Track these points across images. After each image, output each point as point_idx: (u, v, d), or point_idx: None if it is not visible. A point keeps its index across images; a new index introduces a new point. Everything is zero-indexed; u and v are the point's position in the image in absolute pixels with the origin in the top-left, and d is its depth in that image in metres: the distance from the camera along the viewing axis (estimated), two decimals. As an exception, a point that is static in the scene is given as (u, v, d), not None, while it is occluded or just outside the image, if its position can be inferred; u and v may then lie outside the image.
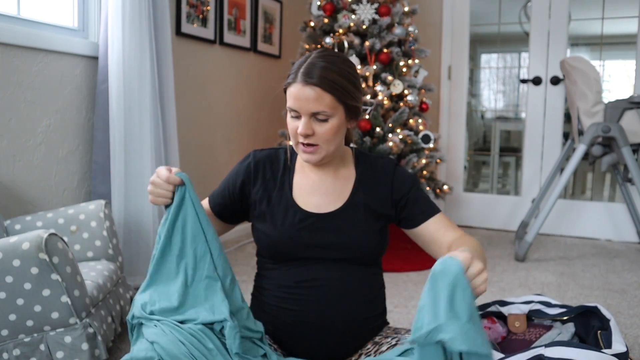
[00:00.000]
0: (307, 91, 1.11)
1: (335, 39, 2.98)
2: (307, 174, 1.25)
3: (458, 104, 3.90)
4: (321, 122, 1.13)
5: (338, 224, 1.20)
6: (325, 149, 1.16)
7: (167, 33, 2.40)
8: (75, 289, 1.45)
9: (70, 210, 1.91)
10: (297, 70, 1.14)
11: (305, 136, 1.14)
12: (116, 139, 2.23)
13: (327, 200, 1.22)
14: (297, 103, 1.13)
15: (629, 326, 2.06)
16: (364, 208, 1.22)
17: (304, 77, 1.12)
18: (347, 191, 1.24)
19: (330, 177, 1.25)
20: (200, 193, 3.44)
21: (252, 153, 1.28)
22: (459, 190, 3.93)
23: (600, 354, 1.17)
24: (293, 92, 1.13)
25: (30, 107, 2.06)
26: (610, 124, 2.88)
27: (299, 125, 1.13)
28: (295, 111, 1.14)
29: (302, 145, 1.16)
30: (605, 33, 3.70)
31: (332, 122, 1.14)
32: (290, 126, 1.17)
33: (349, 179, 1.25)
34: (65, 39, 2.17)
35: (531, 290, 2.49)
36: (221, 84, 3.20)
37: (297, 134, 1.15)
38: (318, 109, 1.12)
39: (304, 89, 1.12)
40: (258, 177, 1.25)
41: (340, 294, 1.17)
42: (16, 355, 1.42)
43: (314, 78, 1.11)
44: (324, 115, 1.13)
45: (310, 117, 1.13)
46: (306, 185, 1.24)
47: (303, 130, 1.13)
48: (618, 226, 3.57)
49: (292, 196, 1.23)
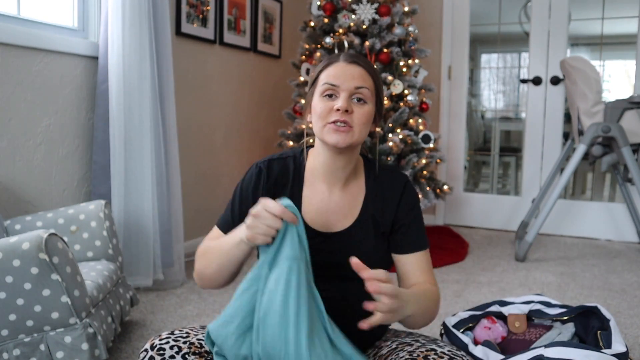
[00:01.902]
0: (352, 68, 1.09)
1: (335, 39, 2.98)
2: (317, 186, 1.18)
3: (458, 104, 3.90)
4: (359, 103, 1.09)
5: (346, 245, 1.14)
6: (357, 133, 1.09)
7: (167, 33, 2.40)
8: (75, 289, 1.45)
9: (70, 210, 1.91)
10: (336, 56, 1.13)
11: (345, 111, 1.07)
12: (116, 139, 2.23)
13: (335, 219, 1.16)
14: (339, 77, 1.08)
15: (629, 326, 2.06)
16: (373, 226, 1.16)
17: (349, 57, 1.10)
18: (356, 208, 1.18)
19: (341, 189, 1.18)
20: (201, 193, 3.44)
21: (261, 164, 1.18)
22: (459, 190, 3.93)
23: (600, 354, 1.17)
24: (334, 70, 1.10)
25: (30, 107, 2.06)
26: (610, 124, 2.88)
27: (339, 101, 1.07)
28: (334, 87, 1.08)
29: (334, 125, 1.07)
30: (605, 33, 3.70)
31: (369, 107, 1.10)
32: (321, 106, 1.09)
33: (359, 193, 1.19)
34: (65, 39, 2.17)
35: (531, 290, 2.49)
36: (221, 84, 3.19)
37: (330, 113, 1.08)
38: (362, 84, 1.09)
39: (349, 66, 1.10)
40: (271, 189, 1.17)
41: (342, 308, 1.12)
42: (16, 355, 1.42)
43: (359, 60, 1.10)
44: (364, 96, 1.09)
45: (350, 95, 1.08)
46: (315, 200, 1.17)
47: (344, 103, 1.06)
48: (618, 226, 3.57)
49: (301, 212, 1.14)
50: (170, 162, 2.46)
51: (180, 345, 1.03)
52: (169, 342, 1.03)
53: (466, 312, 1.66)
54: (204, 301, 2.28)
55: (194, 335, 1.07)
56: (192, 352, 1.02)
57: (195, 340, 1.06)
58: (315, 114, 1.11)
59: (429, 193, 2.98)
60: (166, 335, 1.05)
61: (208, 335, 1.03)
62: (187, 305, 2.23)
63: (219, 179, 3.23)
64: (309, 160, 1.20)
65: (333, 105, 1.08)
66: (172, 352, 1.01)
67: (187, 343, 1.04)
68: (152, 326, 2.00)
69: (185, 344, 1.04)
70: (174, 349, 1.01)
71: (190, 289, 2.43)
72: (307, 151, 1.20)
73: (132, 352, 1.78)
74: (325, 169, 1.16)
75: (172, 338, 1.04)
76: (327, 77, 1.10)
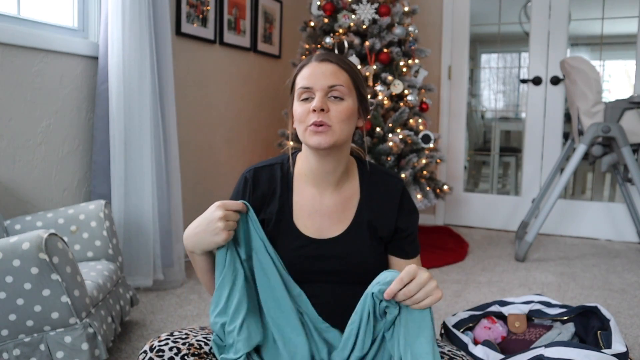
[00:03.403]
0: (324, 66, 1.09)
1: (335, 39, 2.98)
2: (307, 191, 1.15)
3: (458, 104, 3.90)
4: (336, 100, 1.08)
5: (341, 250, 1.12)
6: (338, 131, 1.07)
7: (167, 33, 2.39)
8: (75, 289, 1.45)
9: (70, 210, 1.91)
10: (308, 58, 1.12)
11: (320, 110, 1.06)
12: (116, 139, 2.23)
13: (329, 223, 1.14)
14: (311, 79, 1.08)
15: (629, 326, 2.06)
16: (368, 230, 1.14)
17: (320, 56, 1.10)
18: (350, 211, 1.15)
19: (333, 193, 1.15)
20: (201, 193, 3.43)
21: (247, 173, 1.17)
22: (459, 190, 3.93)
23: (600, 354, 1.17)
24: (307, 72, 1.09)
25: (30, 107, 2.06)
26: (610, 124, 2.88)
27: (314, 101, 1.07)
28: (309, 89, 1.08)
29: (313, 127, 1.06)
30: (605, 33, 3.70)
31: (347, 103, 1.08)
32: (299, 111, 1.09)
33: (353, 197, 1.16)
34: (65, 39, 2.17)
35: (531, 290, 2.49)
36: (221, 84, 3.19)
37: (308, 115, 1.07)
38: (335, 82, 1.07)
39: (320, 65, 1.09)
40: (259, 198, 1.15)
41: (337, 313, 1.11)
42: (16, 355, 1.42)
43: (330, 57, 1.10)
44: (340, 92, 1.08)
45: (325, 94, 1.07)
46: (306, 205, 1.14)
47: (319, 103, 1.05)
48: (618, 226, 3.57)
49: (293, 218, 1.13)
50: (170, 162, 2.46)
51: (179, 347, 1.03)
52: (168, 344, 1.03)
53: (466, 312, 1.66)
54: (204, 301, 2.28)
55: (193, 336, 1.07)
56: (191, 353, 1.02)
57: (195, 342, 1.06)
58: (295, 119, 1.11)
59: (429, 193, 2.98)
60: (165, 336, 1.05)
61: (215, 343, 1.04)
62: (187, 305, 2.23)
63: (219, 179, 3.23)
64: (297, 165, 1.18)
65: (310, 107, 1.07)
66: (171, 354, 1.01)
67: (186, 344, 1.04)
68: (152, 326, 2.00)
69: (184, 345, 1.04)
70: (173, 350, 1.01)
71: (190, 289, 2.43)
72: (294, 157, 1.19)
73: (132, 352, 1.78)
74: (314, 173, 1.14)
75: (172, 339, 1.04)
76: (302, 81, 1.10)
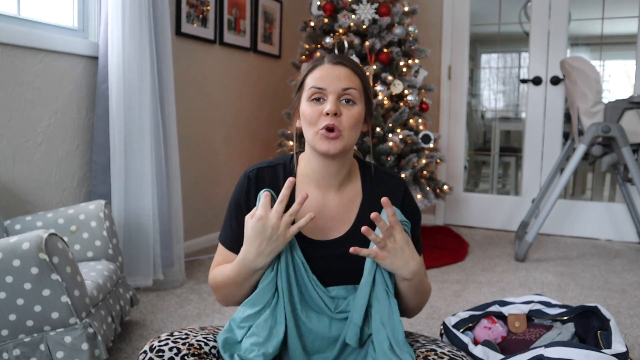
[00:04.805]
0: (338, 69, 1.08)
1: (335, 39, 2.98)
2: (310, 191, 1.15)
3: (458, 104, 3.90)
4: (347, 104, 1.07)
5: (344, 252, 1.09)
6: (347, 138, 1.07)
7: (167, 33, 2.40)
8: (75, 289, 1.45)
9: (70, 210, 1.91)
10: (320, 58, 1.11)
11: (334, 114, 1.05)
12: (116, 139, 2.23)
13: (331, 225, 1.13)
14: (325, 80, 1.07)
15: (629, 326, 2.06)
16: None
17: (334, 58, 1.09)
18: (353, 212, 1.15)
19: (336, 194, 1.15)
20: (201, 193, 3.43)
21: (250, 172, 1.15)
22: (459, 190, 3.93)
23: (600, 354, 1.17)
24: (320, 73, 1.08)
25: (30, 107, 2.06)
26: (610, 124, 2.88)
27: (327, 104, 1.05)
28: (321, 90, 1.07)
29: (324, 132, 1.05)
30: (605, 33, 3.70)
31: (358, 108, 1.08)
32: (309, 112, 1.07)
33: (355, 198, 1.16)
34: (65, 39, 2.17)
35: (531, 290, 2.49)
36: (221, 83, 3.20)
37: (319, 118, 1.06)
38: (349, 85, 1.07)
39: (334, 67, 1.08)
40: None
41: None
42: (16, 355, 1.42)
43: (344, 60, 1.09)
44: (352, 96, 1.07)
45: (337, 97, 1.06)
46: (309, 207, 1.13)
47: (333, 107, 1.04)
48: (618, 226, 3.57)
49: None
50: (170, 162, 2.46)
51: (179, 347, 1.03)
52: (168, 344, 1.03)
53: (466, 312, 1.66)
54: (204, 301, 2.28)
55: (193, 336, 1.07)
56: (191, 353, 1.02)
57: (195, 342, 1.05)
58: (304, 120, 1.09)
59: (429, 193, 2.98)
60: (165, 337, 1.05)
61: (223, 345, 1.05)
62: (187, 305, 2.23)
63: (219, 179, 3.23)
64: (300, 166, 1.17)
65: (322, 109, 1.06)
66: (171, 354, 1.01)
67: (186, 344, 1.04)
68: (152, 326, 2.00)
69: (184, 345, 1.03)
70: (173, 351, 1.01)
71: (190, 289, 2.43)
72: (297, 157, 1.18)
73: (132, 352, 1.78)
74: (318, 175, 1.14)
75: (172, 339, 1.04)
76: (314, 81, 1.08)
